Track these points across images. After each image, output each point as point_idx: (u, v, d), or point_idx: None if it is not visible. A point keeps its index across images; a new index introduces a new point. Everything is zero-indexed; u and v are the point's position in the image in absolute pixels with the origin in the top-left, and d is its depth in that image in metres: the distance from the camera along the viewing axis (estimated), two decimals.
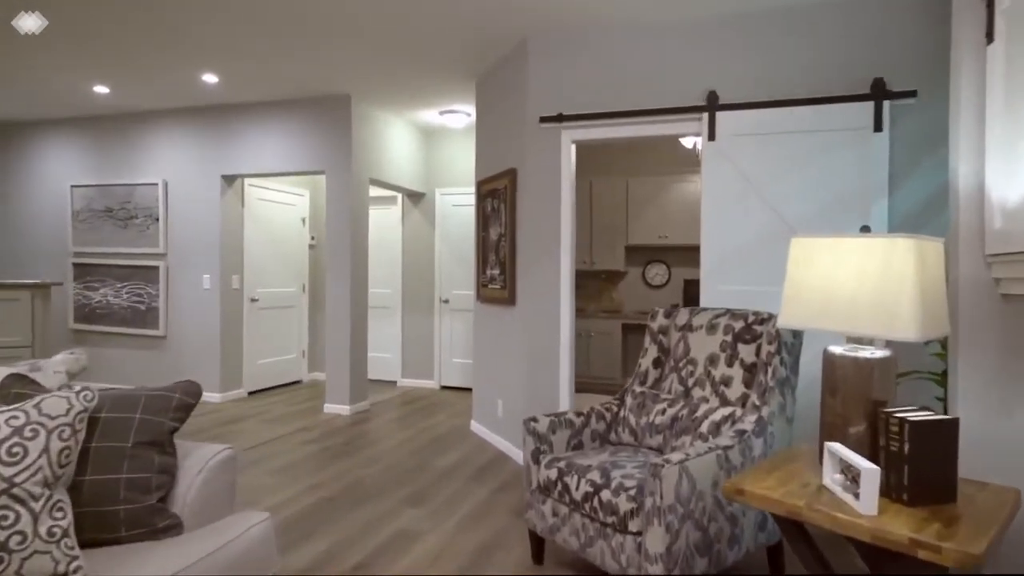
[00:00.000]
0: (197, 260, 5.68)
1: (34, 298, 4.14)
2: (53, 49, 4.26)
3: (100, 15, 3.66)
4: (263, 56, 4.31)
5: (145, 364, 5.89)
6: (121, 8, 3.53)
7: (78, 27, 3.85)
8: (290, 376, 6.50)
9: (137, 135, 5.95)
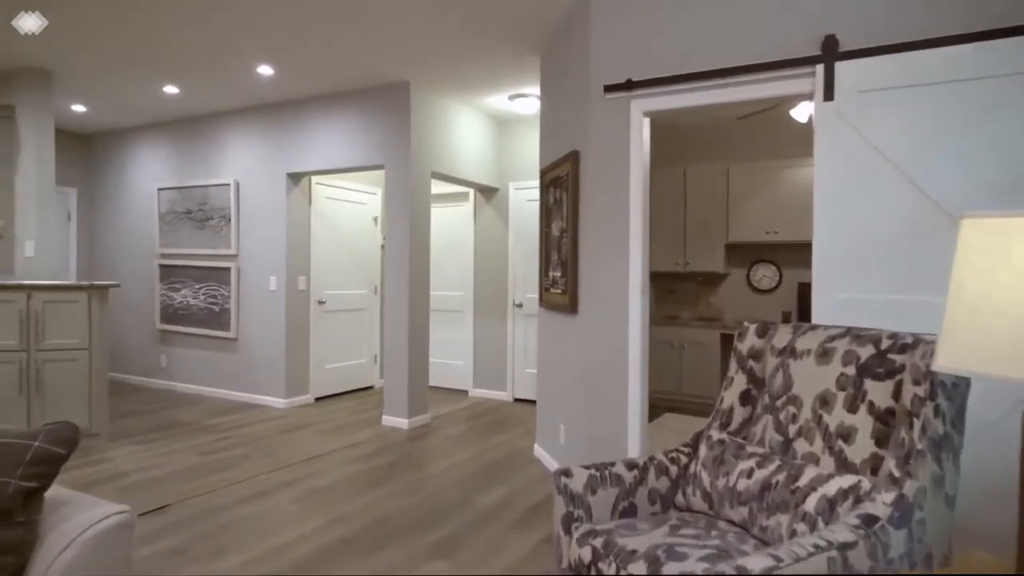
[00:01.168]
0: (264, 261, 5.55)
1: (91, 299, 4.10)
2: (124, 52, 4.21)
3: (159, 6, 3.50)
4: (314, 41, 4.00)
5: (219, 366, 5.87)
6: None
7: (142, 24, 3.73)
8: (360, 382, 6.25)
9: (211, 136, 5.95)
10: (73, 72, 4.72)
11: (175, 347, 6.19)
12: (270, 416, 5.12)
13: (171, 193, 6.15)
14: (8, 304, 3.95)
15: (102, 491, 3.33)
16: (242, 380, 5.71)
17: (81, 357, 4.08)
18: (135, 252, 6.54)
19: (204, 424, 4.81)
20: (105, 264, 6.86)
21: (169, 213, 6.17)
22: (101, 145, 6.88)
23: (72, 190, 6.82)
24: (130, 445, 4.20)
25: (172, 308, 6.15)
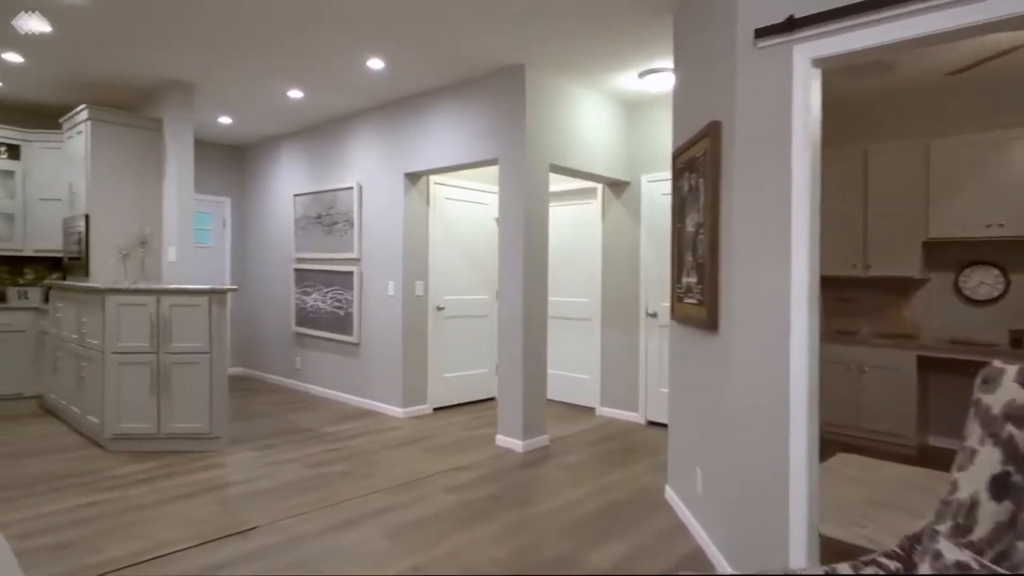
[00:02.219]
0: (383, 265, 5.40)
1: (211, 304, 4.14)
2: (250, 58, 4.24)
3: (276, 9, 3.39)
4: (422, 25, 3.67)
5: (344, 370, 5.84)
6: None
7: (262, 28, 3.68)
8: (481, 392, 5.90)
9: (337, 140, 5.96)
10: (211, 83, 4.87)
11: (308, 350, 6.30)
12: (385, 426, 4.91)
13: (305, 199, 6.28)
14: (141, 308, 4.09)
15: (202, 501, 3.23)
16: (364, 386, 5.62)
17: (202, 360, 4.13)
18: (276, 257, 6.80)
19: (320, 432, 4.71)
20: (253, 268, 7.24)
21: (303, 218, 6.30)
22: (250, 156, 7.28)
23: (227, 199, 7.29)
24: (246, 451, 4.17)
25: (305, 311, 6.27)
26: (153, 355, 4.09)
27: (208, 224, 7.18)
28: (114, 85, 4.95)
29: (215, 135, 6.73)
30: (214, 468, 3.81)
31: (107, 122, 4.79)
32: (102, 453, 4.07)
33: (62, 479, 3.57)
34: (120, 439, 4.12)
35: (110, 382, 4.09)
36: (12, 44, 4.10)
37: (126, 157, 4.91)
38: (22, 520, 2.98)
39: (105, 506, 3.17)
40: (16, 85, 5.04)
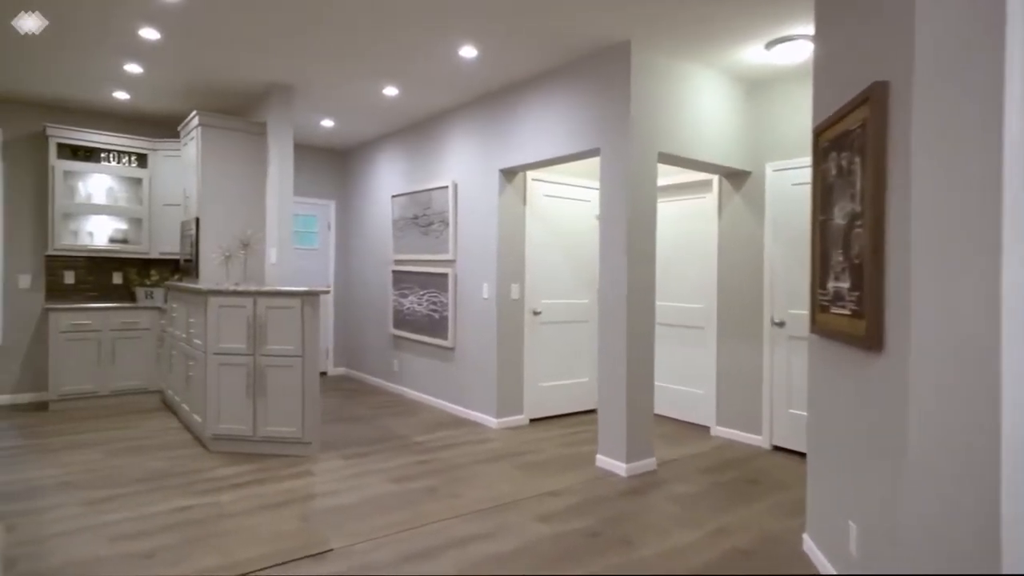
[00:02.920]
0: (478, 267, 5.14)
1: (304, 306, 4.06)
2: (345, 57, 4.14)
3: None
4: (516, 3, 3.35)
5: (438, 375, 5.67)
6: None
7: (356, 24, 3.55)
8: (581, 404, 5.48)
9: (432, 137, 5.80)
10: (310, 84, 4.86)
11: (405, 352, 6.21)
12: (478, 437, 4.64)
13: (402, 199, 6.19)
14: (240, 309, 4.09)
15: (286, 514, 3.10)
16: (458, 393, 5.40)
17: (295, 364, 4.06)
18: (375, 258, 6.79)
19: (413, 440, 4.52)
20: (355, 270, 7.31)
21: (400, 219, 6.22)
22: (353, 159, 7.36)
23: (331, 202, 7.41)
24: (336, 459, 4.05)
25: (402, 313, 6.18)
26: (249, 357, 4.08)
27: (314, 227, 7.34)
28: (223, 91, 5.08)
29: (320, 139, 6.84)
30: (303, 476, 3.70)
31: (215, 127, 4.91)
32: (204, 453, 4.12)
33: (165, 478, 3.61)
34: (220, 439, 4.15)
35: (211, 382, 4.13)
36: (133, 55, 4.26)
37: (233, 161, 5.02)
38: (118, 522, 2.98)
39: (196, 511, 3.12)
40: (140, 96, 5.32)
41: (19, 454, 4.05)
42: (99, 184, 5.82)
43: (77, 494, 3.34)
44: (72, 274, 5.85)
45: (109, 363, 5.51)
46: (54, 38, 3.97)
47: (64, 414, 5.18)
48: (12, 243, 5.57)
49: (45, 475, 3.65)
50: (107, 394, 5.51)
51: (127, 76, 4.73)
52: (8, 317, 5.56)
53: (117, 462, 3.90)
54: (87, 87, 5.08)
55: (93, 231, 5.84)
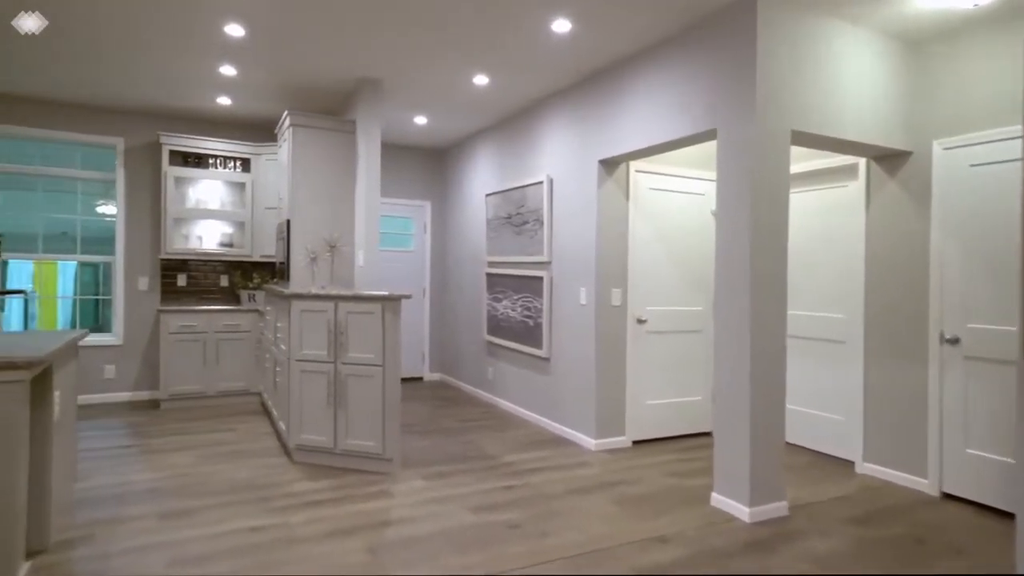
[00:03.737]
0: (575, 269, 4.65)
1: (384, 312, 3.79)
2: (430, 40, 3.85)
3: None
4: None
5: (533, 387, 5.24)
6: None
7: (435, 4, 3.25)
8: (693, 425, 4.82)
9: (527, 131, 5.38)
10: (398, 77, 4.63)
11: (499, 361, 5.85)
12: (574, 460, 4.15)
13: (495, 198, 5.84)
14: (321, 314, 3.90)
15: (354, 544, 2.80)
16: (553, 408, 4.93)
17: (375, 374, 3.79)
18: (470, 261, 6.50)
19: (502, 461, 4.12)
20: (450, 273, 7.08)
21: (494, 219, 5.87)
22: (448, 158, 7.13)
23: (427, 203, 7.24)
24: (417, 478, 3.74)
25: (496, 319, 5.82)
26: (330, 365, 3.88)
27: (410, 229, 7.20)
28: (314, 90, 4.99)
29: (414, 138, 6.66)
30: (380, 497, 3.41)
31: (306, 126, 4.81)
32: (287, 464, 3.97)
33: (245, 491, 3.47)
34: (302, 450, 3.98)
35: (294, 390, 3.98)
36: (224, 55, 4.23)
37: (323, 161, 4.90)
38: (184, 542, 2.82)
39: (264, 534, 2.91)
40: (240, 100, 5.37)
41: (122, 455, 4.12)
42: (207, 189, 6.00)
43: (159, 503, 3.26)
44: (184, 277, 6.07)
45: (214, 364, 5.62)
46: (151, 41, 3.99)
47: (173, 413, 5.33)
48: (132, 247, 5.85)
49: (138, 479, 3.64)
50: (213, 395, 5.63)
51: (224, 80, 4.74)
52: (128, 318, 5.85)
53: (206, 469, 3.84)
54: (193, 94, 5.19)
55: (202, 235, 6.02)
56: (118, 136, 5.77)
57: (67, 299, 5.95)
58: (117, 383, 5.81)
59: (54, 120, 5.52)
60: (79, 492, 3.41)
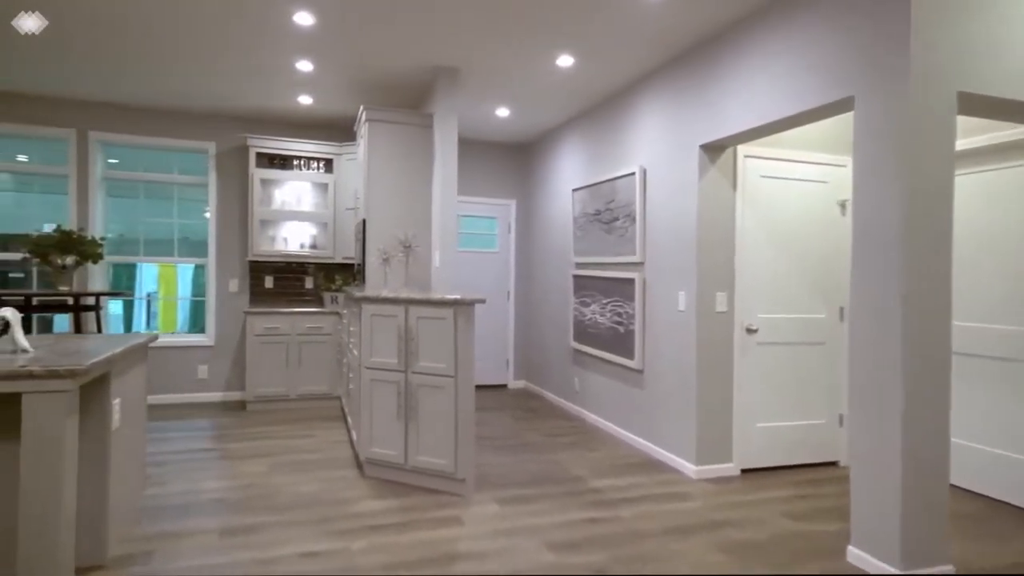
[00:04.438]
0: (672, 270, 4.10)
1: (456, 317, 3.44)
2: (508, 19, 3.49)
3: None
4: None
5: (624, 401, 4.72)
6: None
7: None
8: (816, 453, 4.11)
9: (617, 118, 4.87)
10: (476, 62, 4.30)
11: (586, 370, 5.38)
12: (671, 489, 3.61)
13: (583, 193, 5.38)
14: (391, 319, 3.63)
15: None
16: (647, 425, 4.40)
17: (447, 385, 3.46)
18: (556, 262, 6.08)
19: (588, 486, 3.66)
20: (536, 274, 6.69)
21: (581, 216, 5.41)
22: (533, 153, 6.76)
23: (512, 202, 6.89)
24: (491, 503, 3.36)
25: (583, 325, 5.36)
26: (400, 374, 3.59)
27: (494, 229, 6.88)
28: (390, 84, 4.76)
29: (497, 132, 6.34)
30: (449, 524, 3.07)
31: (381, 121, 4.60)
32: (357, 478, 3.73)
33: (310, 508, 3.25)
34: (372, 463, 3.73)
35: (364, 399, 3.73)
36: (300, 50, 4.08)
37: (400, 157, 4.67)
38: (237, 564, 2.61)
39: (322, 561, 2.65)
40: (321, 99, 5.27)
41: (200, 459, 4.07)
42: (292, 191, 5.98)
43: (223, 517, 3.10)
44: (271, 279, 6.09)
45: (296, 367, 5.57)
46: (227, 38, 3.91)
47: (257, 416, 5.31)
48: (223, 249, 5.94)
49: (208, 487, 3.52)
50: (295, 398, 5.58)
51: (303, 77, 4.62)
52: (219, 319, 5.94)
53: (276, 480, 3.68)
54: (275, 94, 5.14)
55: (287, 237, 6.02)
56: (210, 141, 5.88)
57: (186, 300, 6.15)
58: (210, 383, 5.90)
59: (156, 127, 5.69)
60: (151, 499, 3.33)
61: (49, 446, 2.10)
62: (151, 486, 3.54)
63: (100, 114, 5.53)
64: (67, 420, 2.14)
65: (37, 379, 2.08)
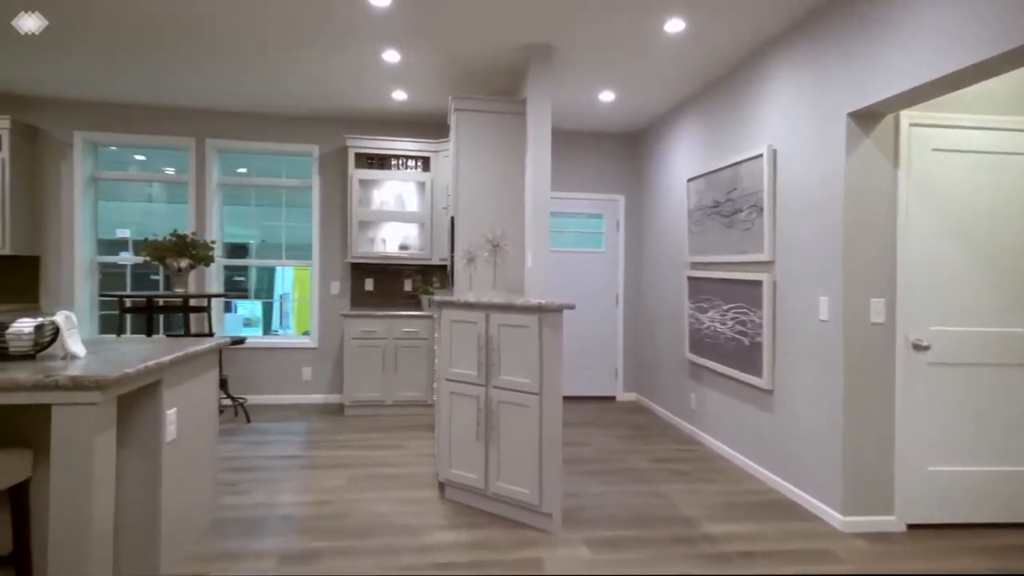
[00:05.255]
0: (811, 271, 3.33)
1: (541, 326, 2.97)
2: None
3: None
4: None
5: (750, 426, 3.99)
6: None
7: None
8: (1018, 511, 3.14)
9: (739, 93, 4.13)
10: (573, 36, 3.82)
11: (703, 386, 4.68)
12: (810, 545, 2.88)
13: (699, 183, 4.68)
14: (470, 326, 3.24)
15: None
16: (779, 458, 3.65)
17: (531, 403, 3.00)
18: (669, 262, 5.41)
19: (700, 532, 3.03)
20: (646, 277, 6.05)
21: (696, 209, 4.71)
22: (643, 143, 6.12)
23: (620, 197, 6.30)
24: (580, 544, 2.85)
25: (700, 334, 4.66)
26: (480, 388, 3.19)
27: (600, 227, 6.32)
28: (482, 70, 4.41)
29: (603, 122, 5.79)
30: (528, 567, 2.60)
31: (469, 111, 4.26)
32: (436, 500, 3.39)
33: (381, 534, 2.96)
34: (453, 486, 3.37)
35: (443, 413, 3.39)
36: (384, 38, 3.85)
37: (490, 149, 4.30)
38: None
39: None
40: (415, 93, 5.05)
41: (285, 468, 3.95)
42: (390, 190, 5.85)
43: (287, 539, 2.88)
44: (371, 281, 6.00)
45: (392, 372, 5.40)
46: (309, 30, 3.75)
47: (353, 421, 5.20)
48: (325, 251, 5.94)
49: (282, 501, 3.36)
50: (390, 404, 5.41)
51: (391, 69, 4.40)
52: (322, 321, 5.95)
53: (352, 496, 3.44)
54: (369, 92, 5.00)
55: (386, 238, 5.90)
56: (314, 143, 5.90)
57: (306, 302, 6.28)
58: (313, 385, 5.93)
59: (266, 132, 5.81)
60: (228, 510, 3.21)
61: (78, 461, 1.93)
62: (232, 494, 3.43)
63: (215, 121, 5.73)
64: (97, 435, 1.95)
65: (63, 390, 1.91)
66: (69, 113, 5.51)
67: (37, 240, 5.50)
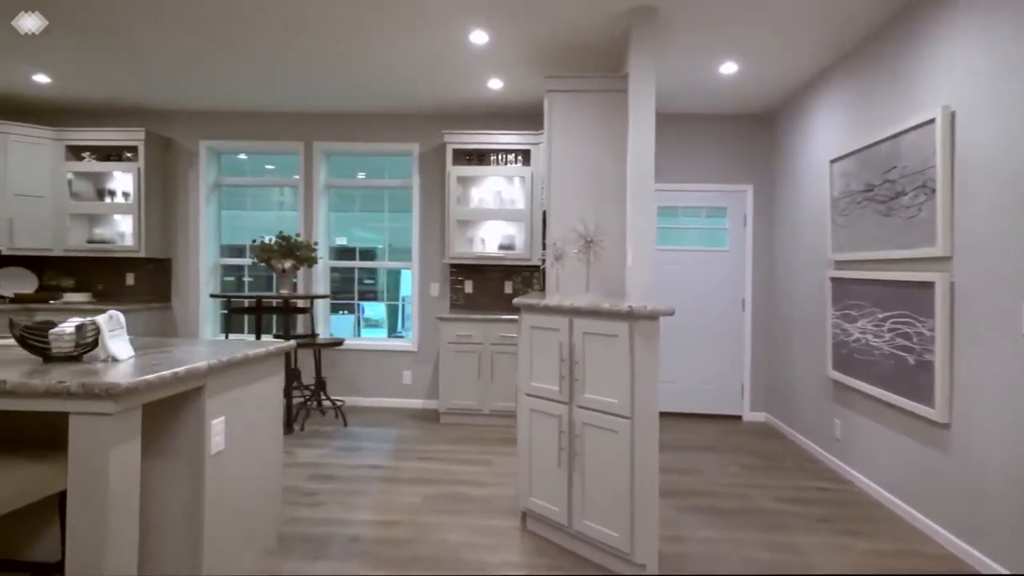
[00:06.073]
0: (1006, 269, 2.48)
1: (632, 335, 2.43)
2: None
3: None
4: None
5: (914, 463, 3.13)
6: None
7: None
8: None
9: (897, 50, 3.28)
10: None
11: (851, 411, 3.83)
12: None
13: (845, 164, 3.85)
14: (552, 333, 2.79)
15: None
16: (956, 511, 2.80)
17: (621, 428, 2.48)
18: (805, 261, 4.57)
19: None
20: (778, 278, 5.21)
21: (843, 196, 3.88)
22: (775, 123, 5.29)
23: (748, 187, 5.50)
24: None
25: (846, 347, 3.82)
26: (563, 406, 2.73)
27: (723, 222, 5.56)
28: (579, 46, 3.94)
29: (726, 101, 5.05)
30: None
31: (564, 91, 3.81)
32: (515, 531, 2.98)
33: (444, 567, 2.60)
34: (533, 517, 2.93)
35: (523, 433, 2.96)
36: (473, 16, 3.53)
37: (586, 133, 3.82)
38: None
39: None
40: (510, 81, 4.70)
41: (366, 479, 3.75)
42: (488, 188, 5.56)
43: (345, 565, 2.62)
44: (471, 283, 5.75)
45: (488, 379, 5.09)
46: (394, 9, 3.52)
47: (446, 430, 4.95)
48: (425, 252, 5.78)
49: (355, 519, 3.12)
50: (486, 413, 5.09)
51: (481, 52, 4.08)
52: (421, 324, 5.79)
53: (424, 519, 3.12)
54: (463, 82, 4.74)
55: (484, 237, 5.61)
56: (414, 142, 5.77)
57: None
58: (412, 389, 5.78)
59: (368, 132, 5.78)
60: (297, 523, 3.03)
61: (93, 474, 1.75)
62: (308, 507, 3.26)
63: (322, 124, 5.78)
64: (112, 447, 1.77)
65: (76, 398, 1.75)
66: (195, 123, 5.83)
67: (168, 243, 5.86)
